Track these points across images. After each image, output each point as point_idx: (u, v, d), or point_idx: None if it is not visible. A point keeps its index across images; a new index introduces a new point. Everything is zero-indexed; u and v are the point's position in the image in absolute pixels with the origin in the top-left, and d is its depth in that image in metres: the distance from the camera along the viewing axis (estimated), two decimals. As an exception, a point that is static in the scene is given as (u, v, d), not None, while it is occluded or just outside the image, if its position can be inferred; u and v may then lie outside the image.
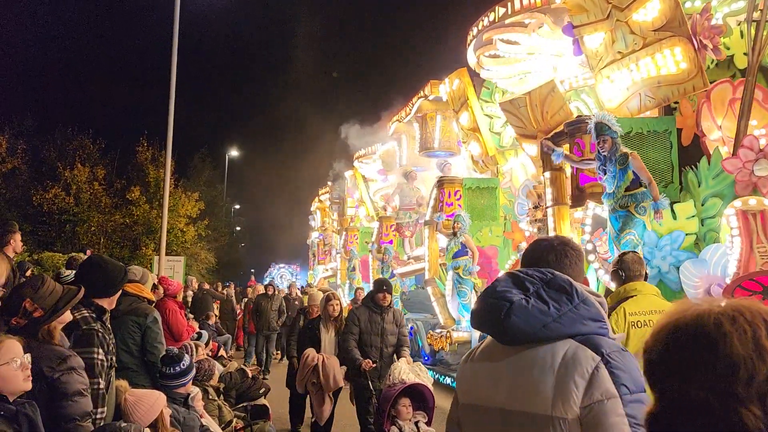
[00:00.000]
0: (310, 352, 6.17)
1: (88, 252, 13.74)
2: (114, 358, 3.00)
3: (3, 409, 2.08)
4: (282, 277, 30.79)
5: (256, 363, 12.31)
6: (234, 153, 40.52)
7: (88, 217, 24.04)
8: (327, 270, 23.14)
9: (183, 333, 6.06)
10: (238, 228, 46.95)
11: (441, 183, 12.00)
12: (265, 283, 15.50)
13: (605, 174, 6.25)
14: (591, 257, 6.73)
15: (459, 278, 10.09)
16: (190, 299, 12.90)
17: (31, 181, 23.76)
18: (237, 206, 46.97)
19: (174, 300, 6.38)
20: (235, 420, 5.33)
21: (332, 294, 6.54)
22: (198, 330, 7.67)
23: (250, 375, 6.55)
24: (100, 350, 2.81)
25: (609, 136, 6.13)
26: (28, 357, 2.24)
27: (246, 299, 15.47)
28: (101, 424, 2.76)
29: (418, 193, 15.25)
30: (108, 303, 3.04)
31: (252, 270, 48.67)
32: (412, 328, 12.12)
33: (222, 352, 8.38)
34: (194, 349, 5.68)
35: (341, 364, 6.21)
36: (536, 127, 10.32)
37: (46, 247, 21.85)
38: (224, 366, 6.71)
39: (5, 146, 22.25)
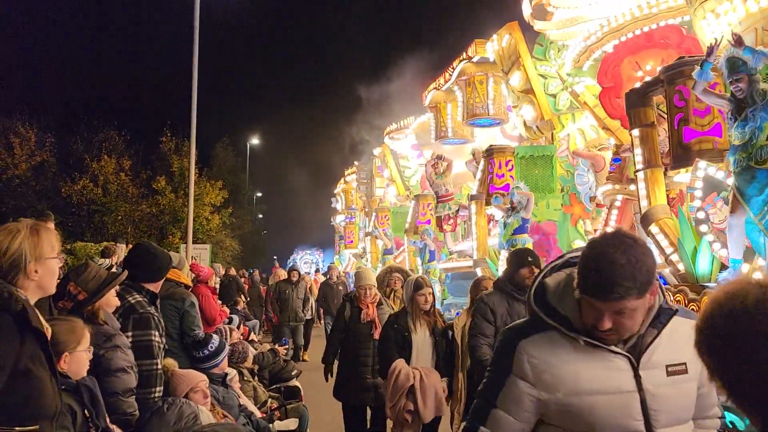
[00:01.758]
0: (401, 365, 4.33)
1: (118, 242, 14.10)
2: (165, 341, 3.17)
3: (65, 384, 2.26)
4: (305, 263, 31.05)
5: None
6: (255, 141, 40.85)
7: (116, 207, 24.52)
8: (359, 253, 22.09)
9: (216, 317, 6.25)
10: (260, 215, 47.46)
11: (490, 152, 10.87)
12: (288, 267, 15.20)
13: (735, 121, 5.12)
14: (703, 228, 5.80)
15: None
16: (217, 286, 13.16)
17: (59, 173, 24.29)
18: (259, 194, 47.44)
19: (206, 285, 6.57)
20: (269, 400, 5.52)
21: (423, 279, 4.61)
22: (228, 315, 7.90)
23: (280, 355, 6.74)
24: (156, 333, 2.98)
25: (744, 74, 4.98)
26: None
27: (266, 286, 14.43)
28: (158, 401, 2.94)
29: (446, 181, 13.83)
30: (156, 288, 3.21)
31: (275, 257, 49.29)
32: (458, 314, 11.24)
33: (252, 336, 8.60)
34: (228, 333, 5.87)
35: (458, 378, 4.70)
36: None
37: (77, 237, 22.38)
38: (255, 349, 6.91)
39: (34, 140, 22.77)
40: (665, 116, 7.02)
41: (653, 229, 6.51)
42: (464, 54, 13.31)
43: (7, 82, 37.13)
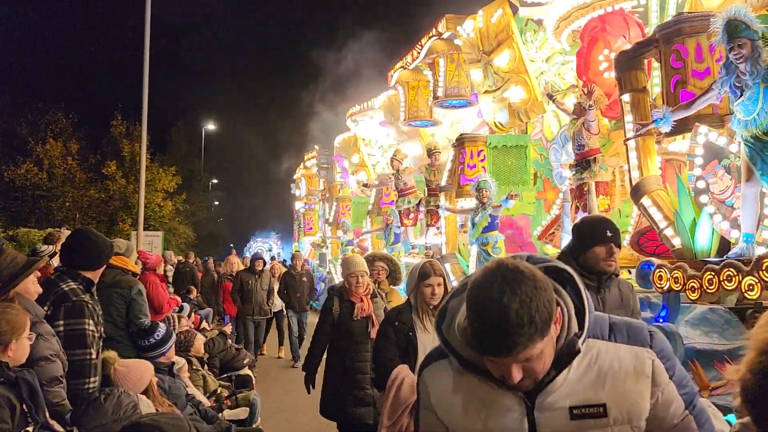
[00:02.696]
0: (403, 373, 3.34)
1: (63, 228, 13.61)
2: (102, 329, 3.05)
3: (3, 376, 2.18)
4: (261, 251, 30.72)
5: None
6: (211, 126, 40.06)
7: (62, 192, 23.70)
8: (317, 242, 21.22)
9: (164, 305, 6.09)
10: (216, 202, 46.70)
11: (461, 141, 10.17)
12: (249, 255, 14.47)
13: (740, 95, 4.63)
14: (703, 198, 5.44)
15: (488, 257, 8.52)
16: (169, 274, 12.85)
17: (2, 156, 23.29)
18: (215, 180, 46.64)
19: (154, 273, 6.39)
20: (219, 389, 5.41)
21: (431, 265, 3.51)
22: (180, 303, 7.72)
23: (228, 336, 6.64)
24: (91, 321, 2.86)
25: (747, 39, 4.47)
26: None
27: (220, 274, 12.45)
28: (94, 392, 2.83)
29: (405, 174, 12.93)
30: (94, 275, 3.08)
31: (231, 245, 48.63)
32: None
33: (204, 324, 8.44)
34: (176, 321, 5.73)
35: None
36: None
37: (21, 223, 21.53)
38: (206, 337, 6.78)
39: (-26, 122, 21.77)
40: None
41: (645, 201, 6.22)
42: (434, 30, 12.40)
43: (-55, 60, 35.27)
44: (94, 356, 2.84)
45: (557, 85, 10.13)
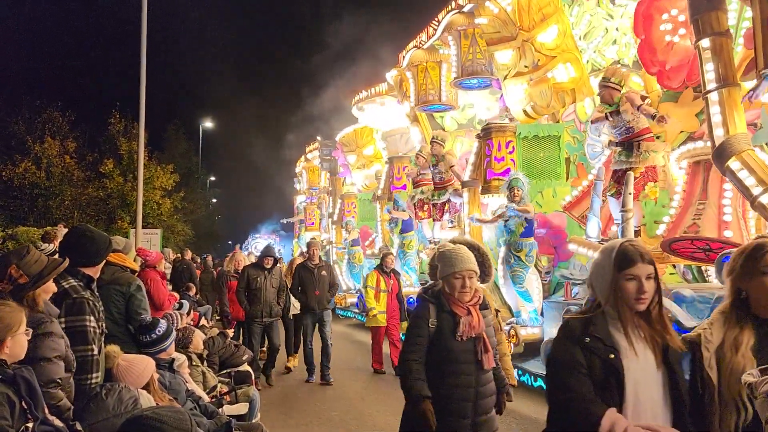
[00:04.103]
0: (616, 422, 1.97)
1: (60, 225, 13.62)
2: (104, 325, 3.08)
3: (1, 374, 2.20)
4: (257, 248, 30.60)
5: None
6: (208, 124, 40.02)
7: (61, 191, 23.70)
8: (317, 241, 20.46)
9: (165, 302, 6.15)
10: (214, 200, 46.69)
11: (488, 132, 9.20)
12: (253, 250, 13.51)
13: None
14: None
15: (519, 262, 7.99)
16: (168, 271, 12.89)
17: (0, 155, 23.29)
18: (213, 178, 46.65)
19: (155, 270, 6.44)
20: (219, 385, 5.46)
21: (635, 247, 2.18)
22: (179, 300, 7.77)
23: (229, 337, 6.67)
24: (92, 318, 2.90)
25: None
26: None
27: (223, 272, 10.72)
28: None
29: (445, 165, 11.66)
30: (94, 272, 3.12)
31: (230, 242, 48.70)
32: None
33: (204, 321, 8.49)
34: (179, 318, 5.78)
35: None
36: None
37: (20, 221, 21.54)
38: (206, 335, 6.82)
39: (-29, 121, 21.74)
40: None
41: (733, 164, 5.37)
42: (453, 3, 11.42)
43: (-58, 59, 35.17)
44: (95, 352, 2.88)
45: (598, 64, 9.32)
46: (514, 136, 9.08)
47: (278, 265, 8.62)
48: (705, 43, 5.68)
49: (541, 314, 8.15)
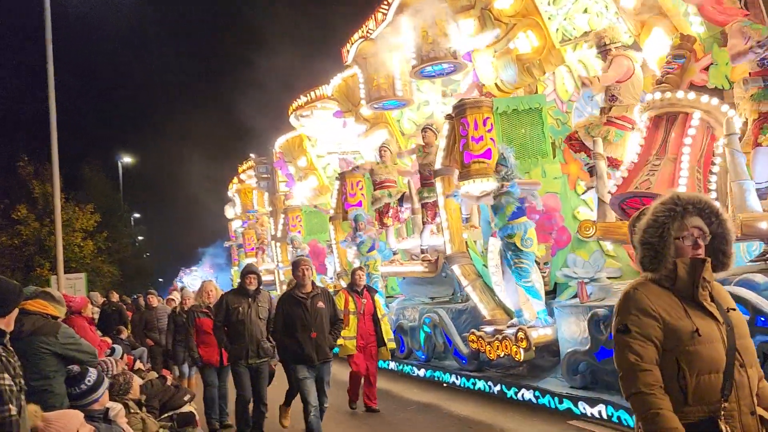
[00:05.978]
0: None
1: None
2: (23, 381, 2.81)
3: None
4: (195, 282, 29.60)
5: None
6: (127, 159, 38.65)
7: (-32, 242, 22.16)
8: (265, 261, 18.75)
9: (96, 349, 5.77)
10: (140, 237, 44.96)
11: (462, 109, 8.10)
12: (178, 291, 12.58)
13: None
14: None
15: (517, 251, 6.91)
16: (96, 316, 12.22)
17: None
18: (137, 215, 44.96)
19: (80, 316, 6.06)
20: (161, 430, 5.16)
21: None
22: (111, 345, 7.35)
23: (170, 381, 6.33)
24: (6, 375, 2.64)
25: None
26: None
27: (175, 309, 9.33)
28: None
29: (393, 170, 11.10)
30: (5, 324, 2.84)
31: (160, 279, 46.88)
32: (428, 320, 9.15)
33: (139, 364, 8.06)
34: (113, 365, 5.44)
35: None
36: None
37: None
38: (143, 378, 6.47)
39: None
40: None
41: None
42: None
43: None
44: (13, 412, 2.62)
45: (569, 33, 8.45)
46: (491, 112, 8.07)
47: (263, 289, 6.71)
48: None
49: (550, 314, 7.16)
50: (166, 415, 5.78)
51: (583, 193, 7.75)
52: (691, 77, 6.35)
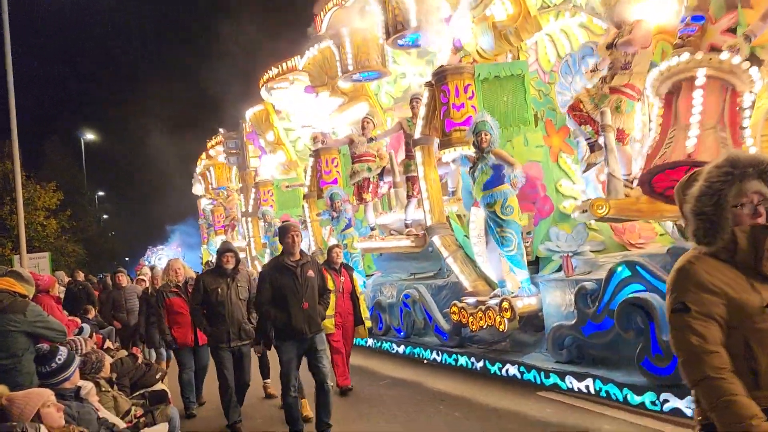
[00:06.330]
0: None
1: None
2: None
3: None
4: (159, 259, 29.18)
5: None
6: (90, 136, 37.64)
7: (-74, 223, 21.47)
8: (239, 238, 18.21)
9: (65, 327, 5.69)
10: (105, 216, 44.10)
11: (442, 76, 7.88)
12: (147, 270, 12.44)
13: None
14: None
15: (498, 220, 6.78)
16: (62, 295, 12.01)
17: None
18: (101, 192, 44.02)
19: (48, 295, 5.96)
20: (134, 408, 5.14)
21: None
22: (79, 324, 7.27)
23: (140, 360, 6.29)
24: None
25: None
26: None
27: (147, 290, 9.26)
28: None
29: (375, 146, 10.73)
30: None
31: (126, 258, 46.12)
32: (407, 296, 9.00)
33: (108, 343, 8.00)
34: (83, 344, 5.38)
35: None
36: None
37: None
38: (112, 357, 6.41)
39: None
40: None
41: None
42: None
43: None
44: None
45: (548, 0, 8.14)
46: (472, 78, 7.80)
47: (242, 266, 6.52)
48: None
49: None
50: (137, 393, 5.76)
51: (584, 172, 6.98)
52: (710, 40, 5.53)
